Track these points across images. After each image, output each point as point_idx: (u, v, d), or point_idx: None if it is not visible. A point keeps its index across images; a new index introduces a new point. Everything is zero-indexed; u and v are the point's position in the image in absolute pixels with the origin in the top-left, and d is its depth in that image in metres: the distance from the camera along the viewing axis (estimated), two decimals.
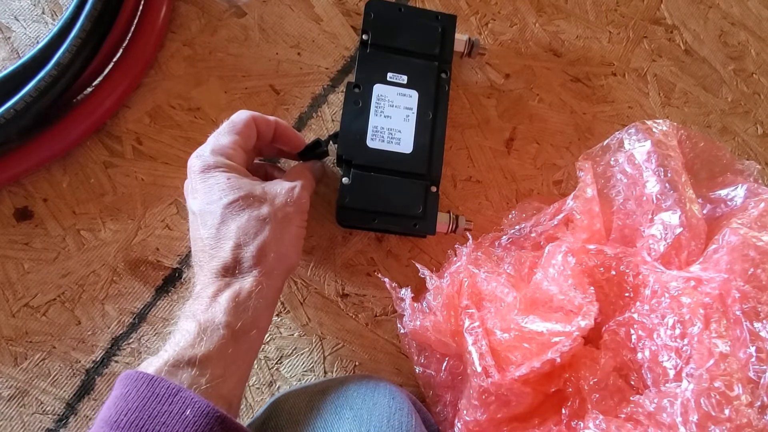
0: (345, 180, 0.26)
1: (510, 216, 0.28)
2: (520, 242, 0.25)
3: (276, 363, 0.26)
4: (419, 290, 0.27)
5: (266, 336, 0.27)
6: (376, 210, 0.26)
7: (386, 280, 0.24)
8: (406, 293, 0.22)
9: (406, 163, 0.26)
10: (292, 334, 0.27)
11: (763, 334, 0.16)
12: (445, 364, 0.22)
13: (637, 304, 0.19)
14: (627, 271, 0.20)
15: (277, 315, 0.27)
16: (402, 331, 0.25)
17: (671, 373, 0.16)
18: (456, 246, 0.26)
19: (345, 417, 0.18)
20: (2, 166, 0.25)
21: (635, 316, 0.18)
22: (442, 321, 0.20)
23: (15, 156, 0.25)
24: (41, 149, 0.26)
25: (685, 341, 0.16)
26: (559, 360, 0.16)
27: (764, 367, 0.15)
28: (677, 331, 0.16)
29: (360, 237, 0.28)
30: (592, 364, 0.18)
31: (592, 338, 0.19)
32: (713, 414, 0.14)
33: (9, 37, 0.28)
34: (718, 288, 0.17)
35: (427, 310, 0.21)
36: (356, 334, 0.27)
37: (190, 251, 0.27)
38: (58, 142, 0.26)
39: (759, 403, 0.15)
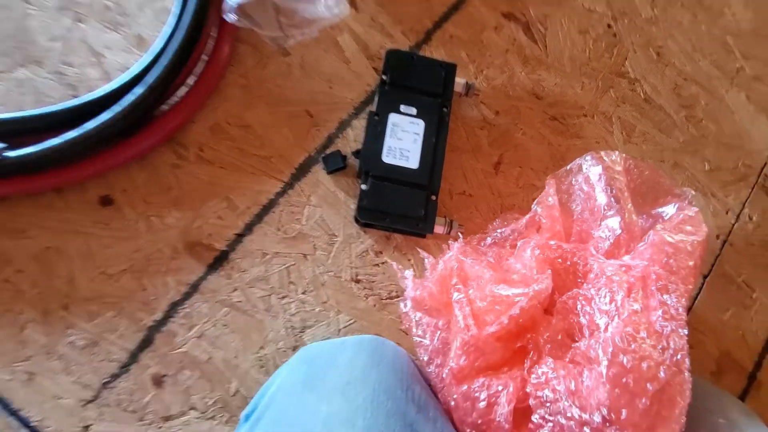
0: (364, 186, 0.33)
1: (494, 223, 0.34)
2: (501, 243, 0.31)
3: (299, 331, 0.32)
4: (419, 277, 0.33)
5: (293, 308, 0.33)
6: (387, 211, 0.33)
7: (393, 263, 0.30)
8: (408, 273, 0.29)
9: (412, 176, 0.33)
10: (314, 309, 0.33)
11: (669, 302, 0.22)
12: (437, 334, 0.28)
13: (584, 285, 0.25)
14: (578, 261, 0.26)
15: (303, 293, 0.33)
16: (403, 310, 0.31)
17: (602, 328, 0.22)
18: (449, 242, 0.32)
19: (364, 350, 0.24)
20: (94, 163, 0.32)
21: (580, 291, 0.24)
22: (436, 293, 0.26)
23: (105, 155, 0.32)
24: (126, 151, 0.32)
25: (612, 305, 0.22)
26: (520, 316, 0.22)
27: (667, 323, 0.21)
28: (608, 299, 0.22)
29: (372, 235, 0.35)
30: (547, 325, 0.24)
31: (549, 310, 0.25)
32: (622, 347, 0.20)
33: (102, 62, 0.36)
34: (641, 272, 0.23)
35: (426, 284, 0.27)
36: (366, 312, 0.33)
37: (236, 236, 0.33)
38: (139, 147, 0.33)
39: (661, 346, 0.21)
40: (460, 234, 0.33)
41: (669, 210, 0.30)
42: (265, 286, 0.33)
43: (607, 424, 0.21)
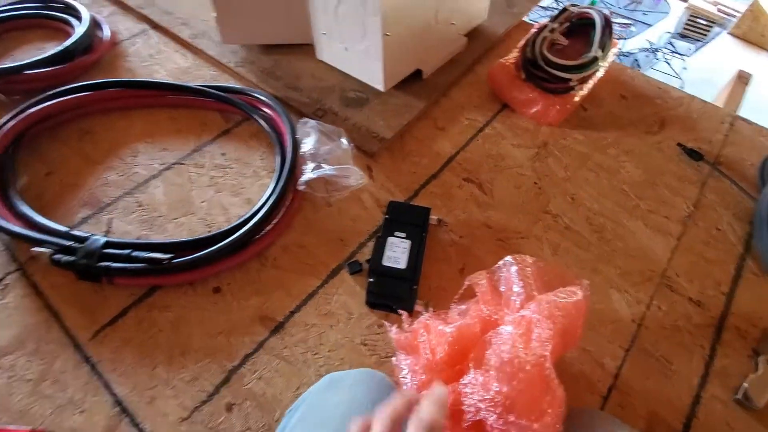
0: (371, 280, 0.52)
1: (455, 306, 0.51)
2: (461, 315, 0.48)
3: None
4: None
5: (321, 361, 0.49)
6: (385, 295, 0.51)
7: (388, 325, 0.47)
8: (393, 327, 0.45)
9: (401, 274, 0.53)
10: (335, 363, 0.49)
11: (538, 332, 0.37)
12: (411, 372, 0.44)
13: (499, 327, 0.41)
14: (498, 317, 0.42)
15: (328, 351, 0.50)
16: (394, 361, 0.47)
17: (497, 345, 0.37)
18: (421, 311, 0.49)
19: (365, 372, 0.40)
20: (215, 268, 0.54)
21: (496, 330, 0.40)
22: (410, 337, 0.42)
23: (221, 263, 0.55)
24: (232, 262, 0.55)
25: (507, 334, 0.38)
26: (454, 342, 0.38)
27: (537, 342, 0.36)
28: (505, 331, 0.38)
29: (376, 313, 0.53)
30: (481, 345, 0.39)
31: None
32: (505, 354, 0.35)
33: (227, 213, 0.61)
34: (525, 318, 0.39)
35: (404, 332, 0.44)
36: (369, 366, 0.49)
37: (290, 312, 0.52)
38: (241, 259, 0.55)
39: (532, 354, 0.35)
40: (431, 308, 0.50)
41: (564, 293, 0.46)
42: (304, 346, 0.50)
43: (505, 412, 0.35)
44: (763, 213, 0.59)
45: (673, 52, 3.47)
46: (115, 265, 0.51)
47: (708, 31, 3.64)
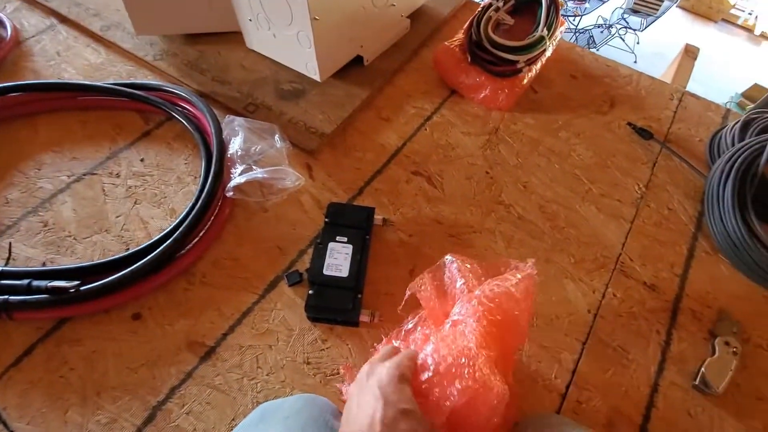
0: (310, 292, 0.48)
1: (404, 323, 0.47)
2: (409, 331, 0.44)
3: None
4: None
5: (258, 387, 0.44)
6: (327, 307, 0.47)
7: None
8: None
9: (344, 282, 0.48)
10: (275, 387, 0.44)
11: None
12: None
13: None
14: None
15: (267, 375, 0.45)
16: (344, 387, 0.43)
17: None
18: (378, 346, 0.45)
19: (302, 399, 0.35)
20: (133, 291, 0.48)
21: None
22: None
23: (141, 286, 0.49)
24: (154, 282, 0.49)
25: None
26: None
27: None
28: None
29: (320, 328, 0.48)
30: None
31: None
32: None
33: (147, 227, 0.55)
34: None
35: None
36: (314, 387, 0.44)
37: (222, 335, 0.47)
38: (164, 279, 0.49)
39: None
40: (377, 315, 0.46)
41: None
42: (239, 372, 0.45)
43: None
44: (712, 190, 0.58)
45: (626, 27, 3.54)
46: (13, 298, 0.45)
47: (658, 5, 3.73)
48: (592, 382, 0.47)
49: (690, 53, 0.96)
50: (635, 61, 3.68)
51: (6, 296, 0.45)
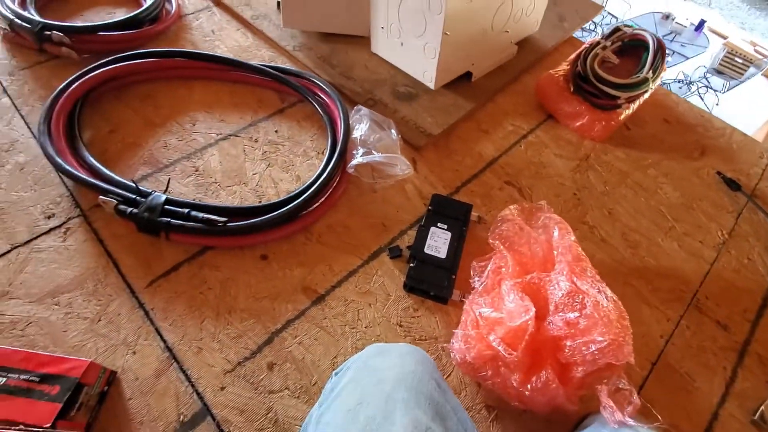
0: (411, 264, 0.54)
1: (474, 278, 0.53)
2: (487, 289, 0.50)
3: (359, 350, 0.50)
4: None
5: (357, 336, 0.51)
6: (425, 280, 0.53)
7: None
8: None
9: (441, 263, 0.55)
10: (370, 339, 0.51)
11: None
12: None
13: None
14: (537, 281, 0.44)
15: (365, 327, 0.52)
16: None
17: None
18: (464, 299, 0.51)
19: (410, 346, 0.42)
20: (264, 237, 0.57)
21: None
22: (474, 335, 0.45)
23: (270, 233, 0.57)
24: (280, 233, 0.58)
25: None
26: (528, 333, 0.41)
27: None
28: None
29: (413, 298, 0.55)
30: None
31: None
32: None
33: (277, 187, 0.64)
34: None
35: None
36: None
37: (331, 287, 0.54)
38: (288, 231, 0.58)
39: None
40: (467, 296, 0.52)
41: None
42: (343, 320, 0.53)
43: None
44: None
45: (707, 86, 3.45)
46: (174, 221, 0.54)
47: (744, 70, 3.60)
48: (656, 399, 0.50)
49: None
50: None
51: (169, 219, 0.55)
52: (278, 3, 0.86)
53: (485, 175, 0.69)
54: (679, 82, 3.34)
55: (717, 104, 3.71)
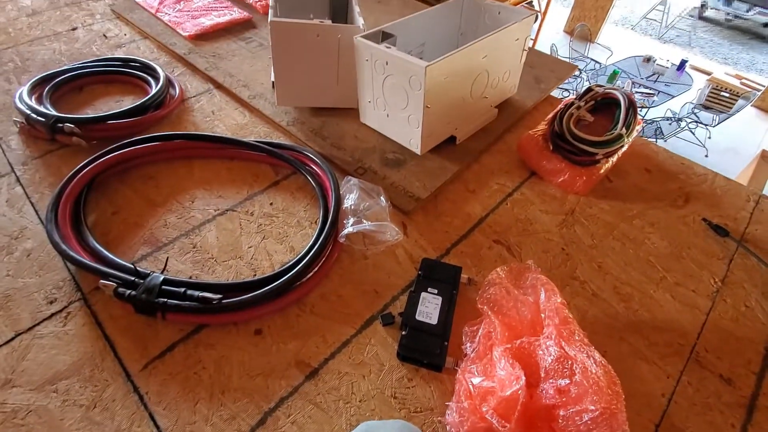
0: (404, 333, 0.55)
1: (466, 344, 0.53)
2: (478, 355, 0.50)
3: (353, 427, 0.49)
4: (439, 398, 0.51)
5: (352, 411, 0.51)
6: (417, 349, 0.53)
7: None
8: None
9: (433, 329, 0.55)
10: (365, 414, 0.51)
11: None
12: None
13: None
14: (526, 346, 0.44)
15: (359, 401, 0.51)
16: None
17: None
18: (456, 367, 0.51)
19: (400, 423, 0.41)
20: (258, 311, 0.58)
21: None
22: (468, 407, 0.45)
23: (264, 307, 0.58)
24: (275, 306, 0.59)
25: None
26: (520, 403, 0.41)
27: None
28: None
29: (407, 367, 0.55)
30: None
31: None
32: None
33: (271, 259, 0.66)
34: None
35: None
36: (397, 418, 0.50)
37: (324, 359, 0.54)
38: (282, 304, 0.59)
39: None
40: (459, 364, 0.52)
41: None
42: (336, 394, 0.52)
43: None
44: None
45: (697, 122, 3.54)
46: (171, 301, 0.56)
47: (732, 103, 3.71)
48: None
49: (766, 158, 0.99)
50: (706, 155, 3.61)
51: (165, 299, 0.56)
52: (273, 83, 0.93)
53: (474, 235, 0.70)
54: (667, 119, 3.44)
55: (709, 137, 3.79)
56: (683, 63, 3.97)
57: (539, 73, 1.03)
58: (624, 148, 0.79)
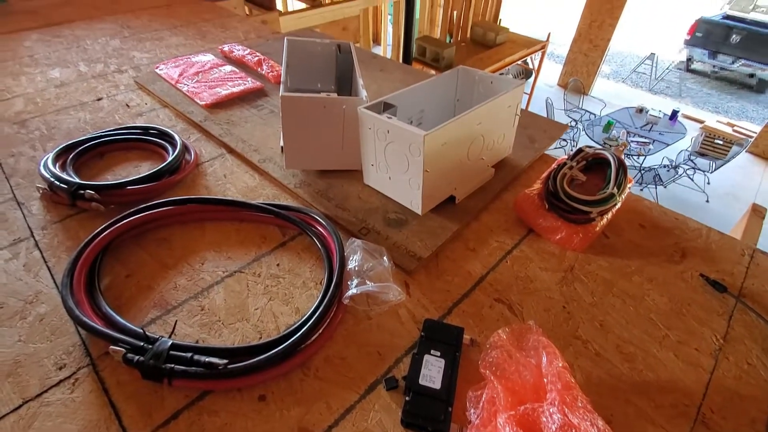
0: (407, 398, 0.55)
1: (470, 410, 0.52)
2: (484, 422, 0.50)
3: None
4: None
5: None
6: (420, 416, 0.53)
7: None
8: None
9: (437, 393, 0.55)
10: None
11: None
12: None
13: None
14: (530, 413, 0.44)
15: None
16: None
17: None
18: None
19: None
20: (263, 376, 0.59)
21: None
22: None
23: (268, 372, 0.59)
24: (277, 371, 0.59)
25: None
26: None
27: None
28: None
29: None
30: None
31: None
32: None
33: (277, 322, 0.68)
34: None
35: None
36: None
37: (328, 426, 0.54)
38: (285, 369, 0.60)
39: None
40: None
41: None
42: None
43: None
44: None
45: (694, 168, 3.62)
46: (178, 367, 0.57)
47: (727, 150, 3.81)
48: None
49: (757, 212, 1.02)
50: (707, 200, 3.65)
51: (172, 365, 0.57)
52: (281, 147, 0.99)
53: (475, 294, 0.72)
54: (664, 167, 3.52)
55: (708, 183, 3.85)
56: (675, 113, 4.13)
57: (533, 133, 1.09)
58: (617, 206, 0.82)
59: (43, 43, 1.60)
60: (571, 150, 0.91)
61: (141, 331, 0.60)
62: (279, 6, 2.69)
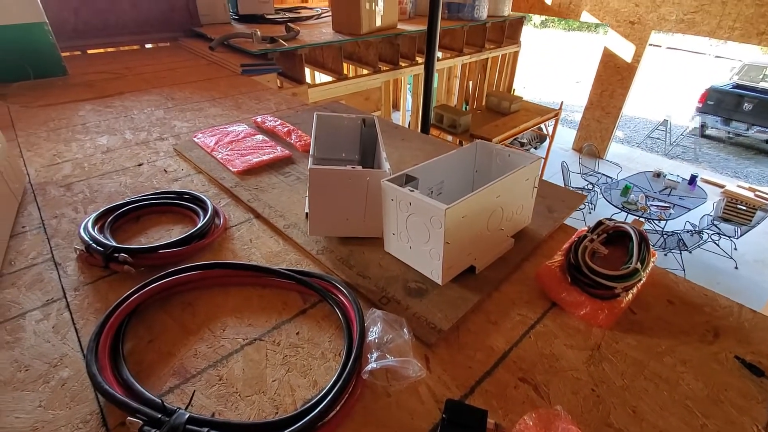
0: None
1: None
2: None
3: None
4: None
5: None
6: None
7: None
8: None
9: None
10: None
11: None
12: None
13: None
14: None
15: None
16: None
17: None
18: None
19: None
20: None
21: None
22: None
23: None
24: None
25: None
26: None
27: None
28: None
29: None
30: None
31: None
32: None
33: (294, 395, 0.66)
34: None
35: None
36: None
37: None
38: None
39: None
40: None
41: None
42: None
43: None
44: None
45: (719, 233, 3.53)
46: None
47: (750, 214, 3.73)
48: None
49: None
50: (736, 267, 3.52)
51: None
52: (306, 213, 1.02)
53: (498, 372, 0.69)
54: (688, 232, 3.45)
55: (735, 249, 3.73)
56: (694, 177, 4.12)
57: (551, 203, 1.11)
58: (642, 281, 0.81)
59: (95, 113, 1.76)
60: (590, 212, 0.91)
61: (159, 401, 0.60)
62: (308, 79, 2.92)
